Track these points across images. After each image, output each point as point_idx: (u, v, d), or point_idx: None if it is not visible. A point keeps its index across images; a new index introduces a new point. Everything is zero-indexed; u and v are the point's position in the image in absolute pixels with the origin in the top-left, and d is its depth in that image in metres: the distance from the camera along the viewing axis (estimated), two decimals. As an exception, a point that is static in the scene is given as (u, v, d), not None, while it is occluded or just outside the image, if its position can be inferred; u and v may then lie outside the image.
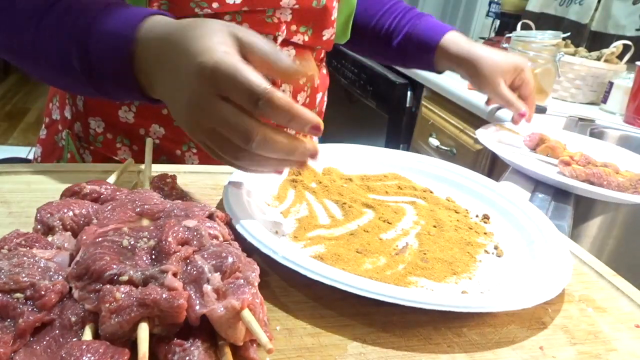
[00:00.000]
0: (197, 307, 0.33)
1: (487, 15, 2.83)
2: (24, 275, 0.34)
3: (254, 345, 0.34)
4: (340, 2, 0.76)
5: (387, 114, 1.86)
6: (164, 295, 0.33)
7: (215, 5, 0.64)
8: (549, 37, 1.55)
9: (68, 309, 0.34)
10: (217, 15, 0.65)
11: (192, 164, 0.73)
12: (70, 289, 0.36)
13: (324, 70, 0.88)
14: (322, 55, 0.85)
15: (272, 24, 0.69)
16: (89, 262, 0.35)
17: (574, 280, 0.51)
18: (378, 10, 0.91)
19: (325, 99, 0.90)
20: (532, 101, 0.91)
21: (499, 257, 0.54)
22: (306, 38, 0.73)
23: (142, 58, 0.48)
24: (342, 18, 0.80)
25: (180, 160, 0.73)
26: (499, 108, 1.47)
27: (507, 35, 1.64)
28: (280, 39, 0.69)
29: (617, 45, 1.69)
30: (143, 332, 0.32)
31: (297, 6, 0.68)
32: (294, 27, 0.71)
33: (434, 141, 1.68)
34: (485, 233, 0.58)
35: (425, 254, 0.51)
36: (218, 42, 0.43)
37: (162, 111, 0.70)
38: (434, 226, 0.57)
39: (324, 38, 0.75)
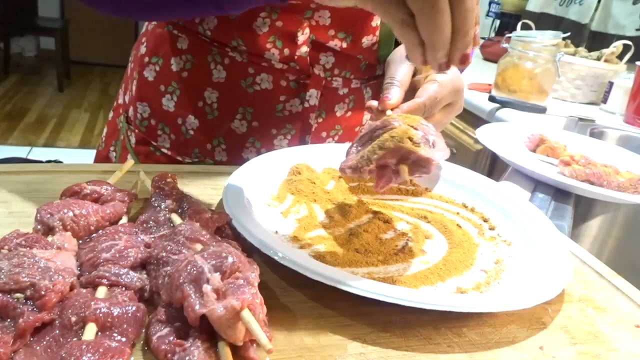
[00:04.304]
0: (197, 307, 0.33)
1: (487, 15, 2.83)
2: (24, 275, 0.34)
3: (254, 345, 0.34)
4: None
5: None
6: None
7: None
8: (549, 37, 1.55)
9: (68, 309, 0.34)
10: (253, 10, 0.65)
11: (221, 159, 0.74)
12: (71, 288, 0.36)
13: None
14: (380, 72, 0.81)
15: (310, 27, 0.68)
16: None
17: (574, 280, 0.51)
18: None
19: None
20: (415, 107, 0.56)
21: (499, 257, 0.53)
22: (344, 44, 0.71)
23: None
24: (386, 27, 0.75)
25: (210, 154, 0.74)
26: (499, 108, 1.47)
27: (507, 35, 1.64)
28: (301, 38, 0.68)
29: (617, 45, 1.69)
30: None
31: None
32: (331, 32, 0.69)
33: (434, 141, 1.68)
34: (485, 233, 0.58)
35: (425, 254, 0.51)
36: None
37: (198, 103, 0.72)
38: (434, 226, 0.57)
39: (364, 45, 0.72)
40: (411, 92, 0.59)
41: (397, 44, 0.79)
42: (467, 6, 0.41)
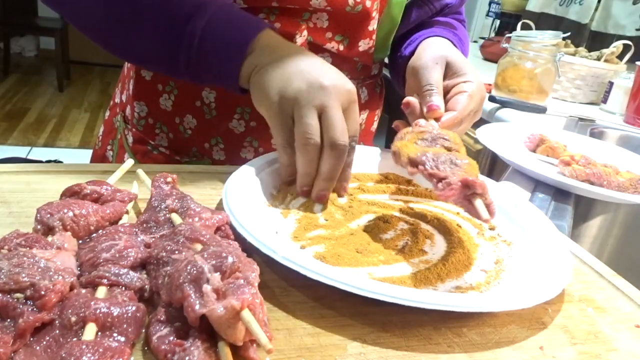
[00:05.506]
0: (197, 307, 0.33)
1: (487, 15, 2.83)
2: (24, 275, 0.34)
3: (254, 345, 0.34)
4: (383, 14, 0.72)
5: (387, 114, 1.85)
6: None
7: None
8: (549, 37, 1.55)
9: (68, 309, 0.34)
10: (252, 9, 0.65)
11: (219, 158, 0.74)
12: (71, 288, 0.36)
13: (377, 89, 0.84)
14: (375, 72, 0.82)
15: (307, 29, 0.68)
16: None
17: (574, 280, 0.51)
18: (413, 35, 0.78)
19: (375, 120, 0.87)
20: (453, 121, 0.64)
21: (499, 257, 0.54)
22: (341, 47, 0.71)
23: (255, 59, 0.57)
24: (383, 32, 0.75)
25: (208, 153, 0.75)
26: (499, 108, 1.47)
27: (507, 35, 1.64)
28: (298, 40, 0.68)
29: (617, 45, 1.69)
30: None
31: (328, 8, 0.66)
32: (329, 34, 0.69)
33: (434, 141, 1.68)
34: (484, 233, 0.58)
35: (425, 254, 0.51)
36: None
37: (196, 103, 0.72)
38: (434, 226, 0.57)
39: (360, 49, 0.72)
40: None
41: (394, 47, 0.79)
42: (333, 165, 0.54)
